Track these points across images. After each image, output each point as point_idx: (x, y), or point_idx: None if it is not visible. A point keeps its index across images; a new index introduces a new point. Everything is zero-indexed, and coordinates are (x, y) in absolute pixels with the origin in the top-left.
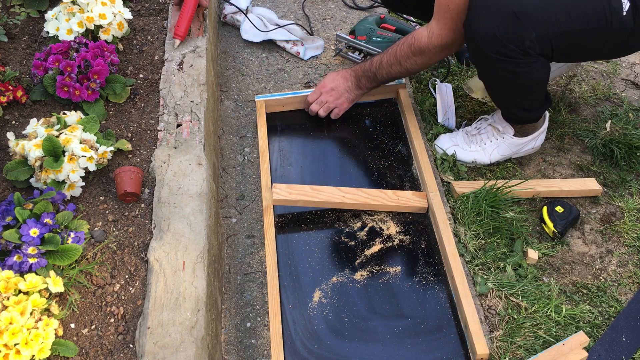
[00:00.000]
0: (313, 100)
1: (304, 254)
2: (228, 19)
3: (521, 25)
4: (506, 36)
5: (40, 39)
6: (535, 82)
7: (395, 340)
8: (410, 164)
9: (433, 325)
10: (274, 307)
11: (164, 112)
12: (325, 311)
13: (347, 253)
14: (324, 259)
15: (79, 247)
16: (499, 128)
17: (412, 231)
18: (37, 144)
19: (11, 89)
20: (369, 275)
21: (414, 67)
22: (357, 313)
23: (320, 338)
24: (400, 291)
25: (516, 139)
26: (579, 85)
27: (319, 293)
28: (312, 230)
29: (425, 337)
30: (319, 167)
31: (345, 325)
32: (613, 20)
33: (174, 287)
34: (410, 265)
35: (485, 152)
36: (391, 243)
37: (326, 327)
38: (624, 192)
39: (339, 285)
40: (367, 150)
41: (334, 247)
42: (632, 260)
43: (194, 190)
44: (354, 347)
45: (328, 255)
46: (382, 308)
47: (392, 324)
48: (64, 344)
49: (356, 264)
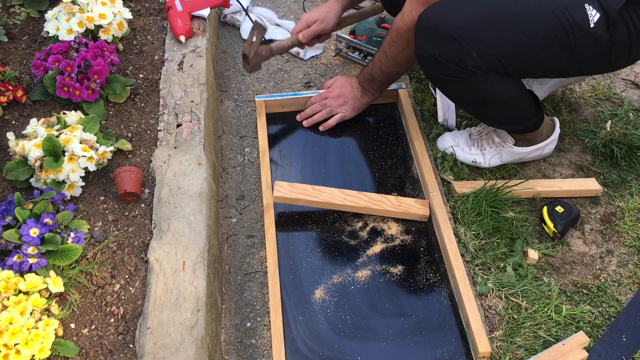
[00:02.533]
0: (316, 102)
1: (305, 253)
2: (228, 18)
3: (459, 45)
4: (447, 57)
5: (40, 39)
6: (499, 97)
7: (397, 338)
8: (410, 164)
9: (434, 324)
10: (275, 305)
11: (164, 112)
12: (327, 309)
13: (349, 252)
14: (325, 258)
15: (79, 247)
16: (496, 139)
17: (413, 231)
18: (37, 144)
19: (11, 89)
20: (370, 274)
21: (398, 55)
22: (358, 311)
23: (321, 336)
24: (402, 290)
25: (517, 149)
26: (579, 85)
27: (320, 291)
28: (313, 230)
29: (426, 336)
30: (320, 168)
31: (347, 324)
32: (576, 34)
33: (174, 287)
34: (412, 265)
35: (484, 157)
36: (392, 243)
37: (327, 326)
38: (624, 192)
39: (340, 284)
40: (368, 151)
41: (335, 246)
42: (632, 260)
43: (194, 190)
44: (356, 345)
45: (329, 254)
46: (383, 307)
47: (394, 323)
48: (64, 344)
49: (357, 263)
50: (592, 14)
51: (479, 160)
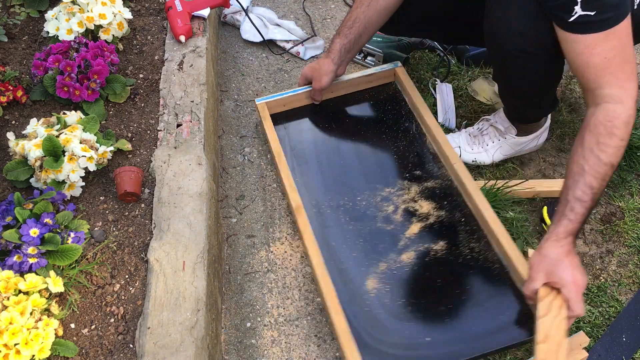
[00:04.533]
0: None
1: (345, 247)
2: (228, 19)
3: (544, 21)
4: (529, 33)
5: (40, 39)
6: (554, 79)
7: (459, 312)
8: (424, 140)
9: (491, 291)
10: (333, 304)
11: (164, 112)
12: (383, 298)
13: (389, 238)
14: (367, 249)
15: (79, 247)
16: (501, 128)
17: (445, 205)
18: (37, 144)
19: (11, 89)
20: (414, 254)
21: (620, 157)
22: (413, 293)
23: (385, 325)
24: (449, 264)
25: (518, 139)
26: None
27: (372, 282)
28: (347, 223)
29: (486, 304)
30: (337, 160)
31: (407, 308)
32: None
33: (174, 287)
34: (452, 238)
35: (487, 153)
36: (428, 221)
37: (387, 314)
38: (624, 192)
39: (388, 270)
40: (380, 135)
41: (374, 235)
42: (632, 260)
43: (194, 190)
44: (421, 326)
45: (369, 243)
46: (435, 284)
47: (451, 298)
48: (64, 344)
49: (399, 247)
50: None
51: (482, 159)
